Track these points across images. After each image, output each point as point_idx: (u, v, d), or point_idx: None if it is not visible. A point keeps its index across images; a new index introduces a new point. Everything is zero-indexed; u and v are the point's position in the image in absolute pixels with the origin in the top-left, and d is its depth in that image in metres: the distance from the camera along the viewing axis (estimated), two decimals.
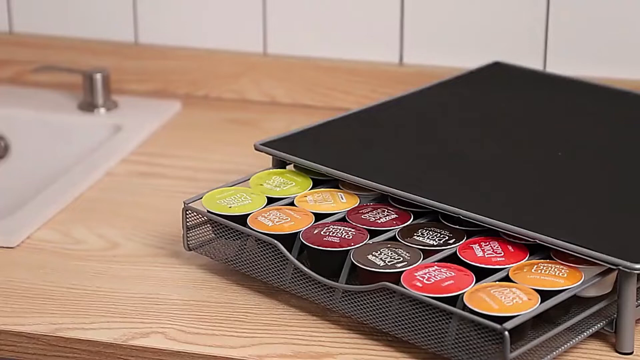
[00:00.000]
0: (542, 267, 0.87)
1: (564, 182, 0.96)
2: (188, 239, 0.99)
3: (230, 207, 0.98)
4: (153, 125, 1.29)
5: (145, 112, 1.32)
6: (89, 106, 1.33)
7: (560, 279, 0.86)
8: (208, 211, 0.98)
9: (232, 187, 1.01)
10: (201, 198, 0.99)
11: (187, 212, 0.98)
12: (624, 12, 1.24)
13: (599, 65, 1.25)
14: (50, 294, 0.96)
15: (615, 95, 1.14)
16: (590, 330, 0.86)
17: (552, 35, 1.26)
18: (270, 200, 0.99)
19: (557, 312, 0.86)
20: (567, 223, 0.90)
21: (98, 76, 1.32)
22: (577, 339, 0.86)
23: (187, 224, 0.98)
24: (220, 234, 0.97)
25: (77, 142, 1.29)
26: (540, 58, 1.27)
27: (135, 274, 0.99)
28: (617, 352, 0.86)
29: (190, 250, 0.99)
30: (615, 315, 0.86)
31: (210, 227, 0.98)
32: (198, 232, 0.99)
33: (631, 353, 0.86)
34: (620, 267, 0.84)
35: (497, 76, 1.20)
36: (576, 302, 0.87)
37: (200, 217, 0.98)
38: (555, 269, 0.87)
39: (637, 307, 0.86)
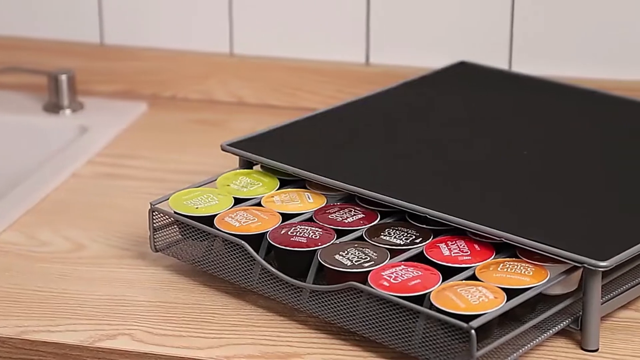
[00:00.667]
0: (508, 265, 0.88)
1: (529, 181, 0.97)
2: (155, 240, 0.98)
3: (197, 207, 0.97)
4: (119, 126, 1.28)
5: (111, 113, 1.31)
6: (54, 107, 1.32)
7: (526, 277, 0.86)
8: (175, 212, 0.97)
9: (199, 188, 1.01)
10: (168, 199, 0.99)
11: (154, 213, 0.98)
12: (588, 11, 1.25)
13: (564, 64, 1.26)
14: (16, 297, 0.96)
15: (580, 94, 1.15)
16: (556, 328, 0.87)
17: (517, 35, 1.27)
18: (237, 201, 0.99)
19: (523, 310, 0.86)
20: (533, 221, 0.90)
21: (63, 77, 1.32)
22: (543, 336, 0.86)
23: (154, 225, 0.98)
24: (187, 235, 0.97)
25: (43, 144, 1.28)
26: (505, 57, 1.28)
27: (101, 276, 0.99)
28: (582, 349, 0.87)
29: (157, 251, 0.99)
30: (580, 313, 0.86)
31: (177, 228, 0.98)
32: (165, 233, 0.98)
33: (596, 350, 0.87)
34: (586, 265, 0.84)
35: (463, 76, 1.20)
36: (542, 300, 0.87)
37: (166, 218, 0.98)
38: (521, 267, 0.87)
39: (602, 304, 0.87)
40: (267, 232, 0.93)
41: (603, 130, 1.07)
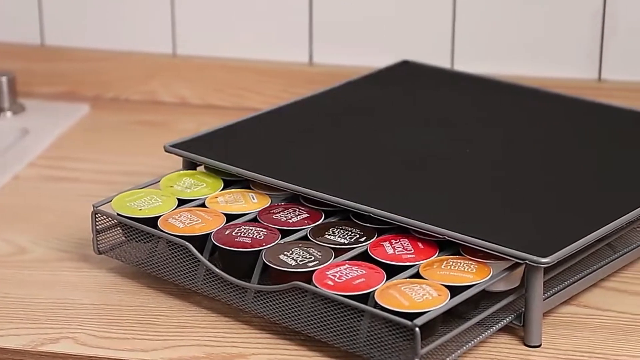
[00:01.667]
0: (451, 263, 0.88)
1: (471, 179, 0.98)
2: (98, 242, 0.97)
3: (140, 209, 0.97)
4: (61, 128, 1.27)
5: (53, 115, 1.30)
6: None
7: (469, 274, 0.87)
8: (118, 214, 0.97)
9: (142, 190, 1.00)
10: (111, 201, 0.98)
11: (97, 216, 0.97)
12: (529, 10, 1.26)
13: (506, 62, 1.27)
14: None
15: (522, 92, 1.16)
16: (499, 325, 0.87)
17: (459, 34, 1.28)
18: (181, 202, 0.99)
19: (466, 307, 0.87)
20: (476, 219, 0.91)
21: (4, 79, 1.30)
22: (486, 333, 0.87)
23: (97, 227, 0.97)
24: (131, 237, 0.96)
25: None
26: (447, 56, 1.29)
27: (43, 279, 0.98)
28: (525, 345, 0.88)
29: (100, 253, 0.98)
30: (523, 309, 0.87)
31: (120, 230, 0.98)
32: (108, 235, 0.98)
33: (539, 346, 0.88)
34: (527, 262, 0.85)
35: (406, 75, 1.21)
36: (485, 297, 0.88)
37: (110, 220, 0.97)
38: (464, 265, 0.88)
39: (544, 300, 0.87)
40: (212, 232, 0.93)
41: (544, 128, 1.09)
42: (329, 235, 0.93)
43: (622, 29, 1.25)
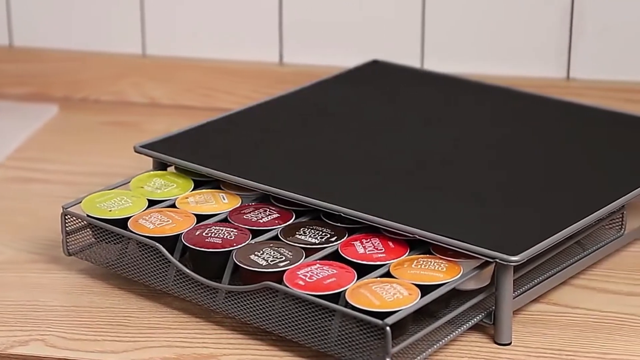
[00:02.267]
0: (422, 262, 0.88)
1: (442, 178, 0.98)
2: (67, 243, 0.97)
3: (110, 210, 0.96)
4: (30, 130, 1.27)
5: (21, 116, 1.29)
6: None
7: (440, 273, 0.87)
8: (88, 215, 0.96)
9: (112, 191, 1.00)
10: (80, 202, 0.98)
11: (66, 217, 0.97)
12: (498, 10, 1.27)
13: (475, 62, 1.28)
14: None
15: (491, 91, 1.17)
16: (470, 323, 0.88)
17: (428, 33, 1.28)
18: (151, 203, 0.98)
19: (437, 306, 0.87)
20: (446, 218, 0.91)
21: None
22: (457, 331, 0.87)
23: (67, 228, 0.97)
24: (101, 238, 0.96)
25: None
26: (417, 56, 1.29)
27: (12, 281, 0.97)
28: (495, 343, 0.88)
29: (70, 255, 0.97)
30: (493, 307, 0.88)
31: (90, 232, 0.97)
32: (78, 236, 0.97)
33: (509, 344, 0.88)
34: (497, 260, 0.85)
35: (376, 74, 1.21)
36: (456, 296, 0.88)
37: (79, 222, 0.97)
38: (435, 264, 0.88)
39: (514, 298, 0.88)
40: (182, 233, 0.93)
41: (513, 127, 1.09)
42: (299, 235, 0.93)
43: (591, 27, 1.26)
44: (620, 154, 1.02)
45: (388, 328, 0.80)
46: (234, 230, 0.93)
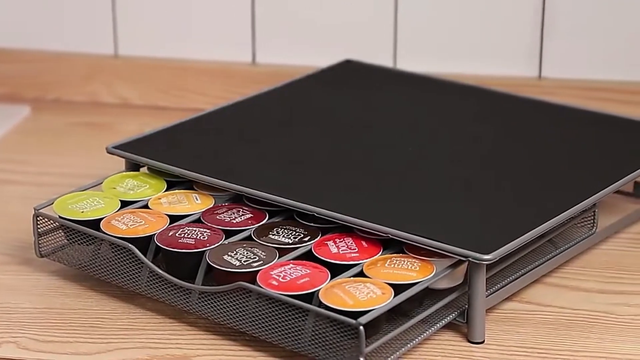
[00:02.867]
0: (395, 261, 0.89)
1: (415, 177, 0.98)
2: (40, 245, 0.97)
3: (82, 212, 0.96)
4: (1, 131, 1.26)
5: None
6: None
7: (413, 272, 0.87)
8: (60, 217, 0.96)
9: (84, 192, 0.99)
10: (52, 203, 0.97)
11: (38, 218, 0.96)
12: (470, 9, 1.27)
13: (448, 61, 1.28)
14: None
15: (464, 90, 1.17)
16: (443, 322, 0.88)
17: (401, 33, 1.29)
18: (124, 204, 0.98)
19: (410, 305, 0.87)
20: (419, 217, 0.91)
21: None
22: (430, 330, 0.87)
23: (39, 230, 0.96)
24: (73, 240, 0.96)
25: None
26: (390, 55, 1.29)
27: None
28: (469, 341, 0.88)
29: (42, 257, 0.97)
30: (466, 306, 0.88)
31: (62, 233, 0.97)
32: (50, 238, 0.97)
33: (482, 342, 0.88)
34: (470, 259, 0.86)
35: (349, 74, 1.21)
36: (429, 294, 0.89)
37: (51, 223, 0.96)
38: (408, 263, 0.88)
39: (487, 297, 0.88)
40: (155, 234, 0.93)
41: (485, 126, 1.09)
42: (273, 235, 0.93)
43: (562, 26, 1.26)
44: (592, 152, 1.03)
45: (361, 327, 0.81)
46: (207, 231, 0.93)
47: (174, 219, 0.95)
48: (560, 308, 0.93)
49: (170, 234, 0.92)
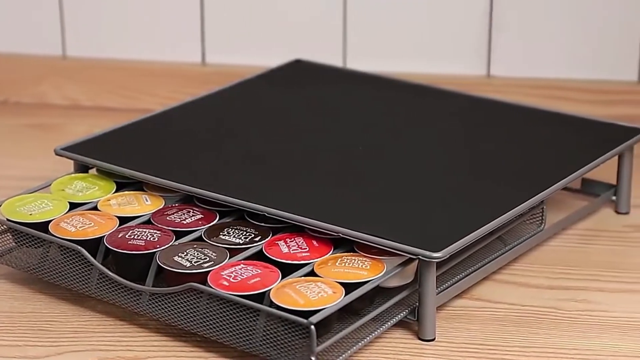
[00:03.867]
0: (345, 260, 0.89)
1: (364, 177, 0.99)
2: None
3: (30, 214, 0.95)
4: None
5: None
6: None
7: (364, 270, 0.87)
8: (7, 219, 0.95)
9: (32, 194, 0.99)
10: (0, 206, 0.96)
11: None
12: (418, 7, 1.28)
13: (397, 60, 1.29)
14: None
15: (413, 89, 1.18)
16: (394, 320, 0.88)
17: (350, 32, 1.29)
18: (73, 206, 0.97)
19: (361, 304, 0.87)
20: (369, 216, 0.92)
21: None
22: (381, 328, 0.88)
23: None
24: (22, 243, 0.95)
25: None
26: (339, 54, 1.30)
27: None
28: (419, 339, 0.89)
29: None
30: (417, 304, 0.88)
31: (10, 236, 0.96)
32: None
33: (433, 340, 0.89)
34: (420, 257, 0.86)
35: (299, 74, 1.21)
36: (380, 293, 0.89)
37: None
38: (359, 262, 0.89)
39: (437, 294, 0.89)
40: (104, 236, 0.92)
41: (435, 124, 1.10)
42: (223, 235, 0.92)
43: (510, 25, 1.27)
44: (540, 150, 1.04)
45: (312, 327, 0.81)
46: (157, 232, 0.93)
47: (123, 220, 0.95)
48: (509, 304, 0.94)
49: (120, 236, 0.92)
